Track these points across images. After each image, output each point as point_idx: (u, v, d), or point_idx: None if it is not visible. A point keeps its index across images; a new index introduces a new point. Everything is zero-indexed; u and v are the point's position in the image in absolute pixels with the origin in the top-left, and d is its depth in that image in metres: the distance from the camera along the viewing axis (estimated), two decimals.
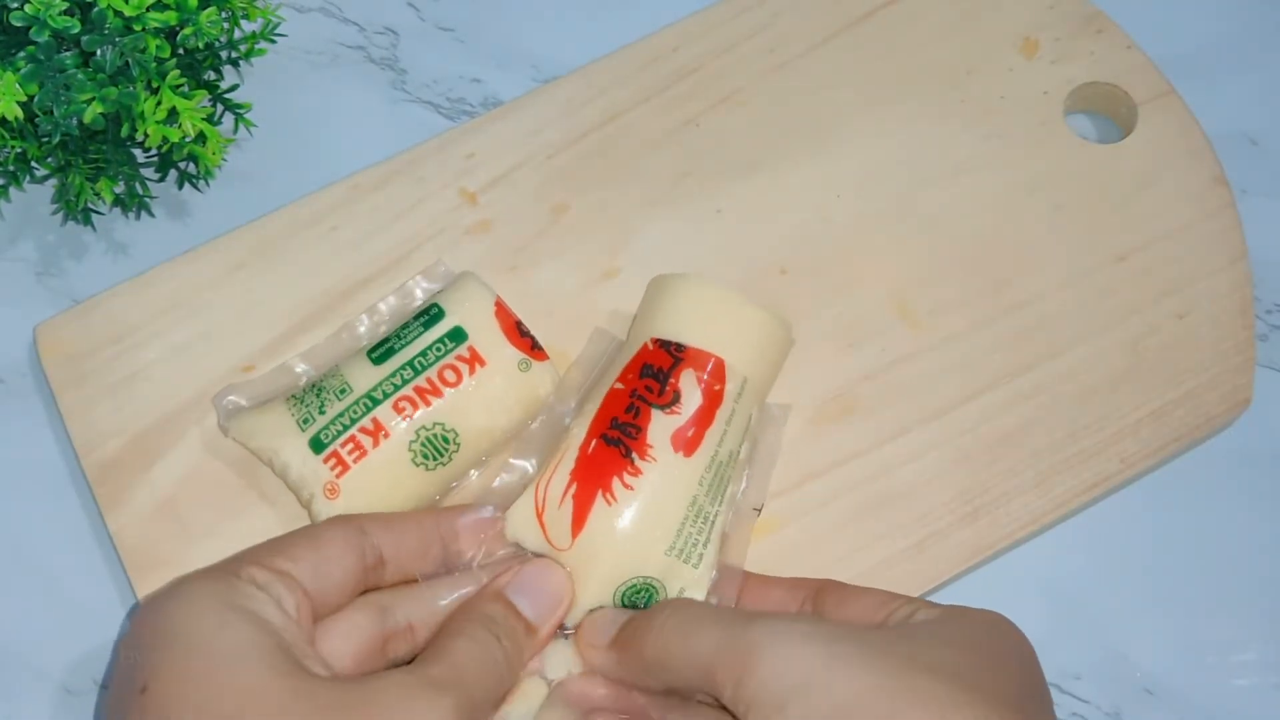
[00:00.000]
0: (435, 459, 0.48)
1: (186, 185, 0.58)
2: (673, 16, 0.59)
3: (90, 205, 0.57)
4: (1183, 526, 0.55)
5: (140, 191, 0.57)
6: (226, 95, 0.57)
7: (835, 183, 0.57)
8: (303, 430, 0.48)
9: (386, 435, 0.47)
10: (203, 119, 0.52)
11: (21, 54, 0.48)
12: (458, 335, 0.49)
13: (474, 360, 0.48)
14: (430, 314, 0.50)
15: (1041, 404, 0.53)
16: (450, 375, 0.48)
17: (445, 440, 0.48)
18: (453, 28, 0.64)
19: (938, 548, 0.51)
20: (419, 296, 0.53)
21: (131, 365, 0.53)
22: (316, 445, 0.48)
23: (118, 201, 0.57)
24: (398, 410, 0.48)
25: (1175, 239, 0.56)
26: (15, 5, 0.47)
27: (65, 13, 0.47)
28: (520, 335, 0.49)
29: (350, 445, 0.47)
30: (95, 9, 0.48)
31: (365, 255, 0.55)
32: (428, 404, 0.48)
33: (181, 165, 0.57)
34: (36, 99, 0.48)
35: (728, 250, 0.55)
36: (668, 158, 0.57)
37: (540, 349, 0.49)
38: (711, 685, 0.39)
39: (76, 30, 0.47)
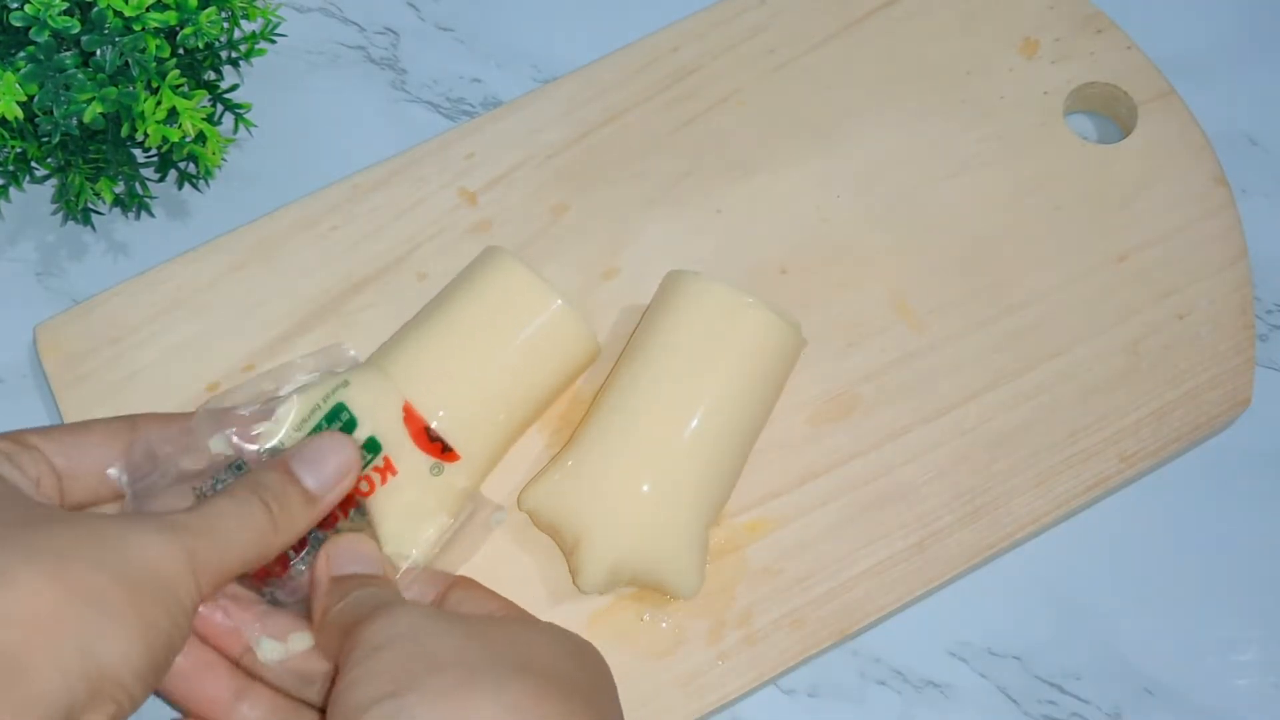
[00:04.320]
0: None
1: (186, 185, 0.58)
2: (673, 16, 0.59)
3: (90, 205, 0.57)
4: (1182, 526, 0.55)
5: (140, 191, 0.57)
6: (226, 95, 0.57)
7: (835, 183, 0.57)
8: None
9: (304, 545, 0.46)
10: (203, 119, 0.52)
11: (21, 54, 0.48)
12: (373, 446, 0.47)
13: (387, 469, 0.47)
14: (343, 421, 0.47)
15: (1041, 404, 0.53)
16: (364, 485, 0.47)
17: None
18: (453, 28, 0.64)
19: (938, 548, 0.51)
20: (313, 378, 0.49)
21: (131, 365, 0.53)
22: None
23: (118, 201, 0.57)
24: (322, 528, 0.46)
25: (1175, 239, 0.56)
26: (15, 5, 0.47)
27: (65, 13, 0.47)
28: (430, 440, 0.47)
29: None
30: (95, 9, 0.48)
31: (366, 255, 0.55)
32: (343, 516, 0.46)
33: (181, 165, 0.57)
34: (36, 99, 0.48)
35: (728, 250, 0.55)
36: (668, 158, 0.57)
37: (451, 450, 0.47)
38: (337, 653, 0.40)
39: (76, 30, 0.47)
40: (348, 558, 0.45)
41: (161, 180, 0.58)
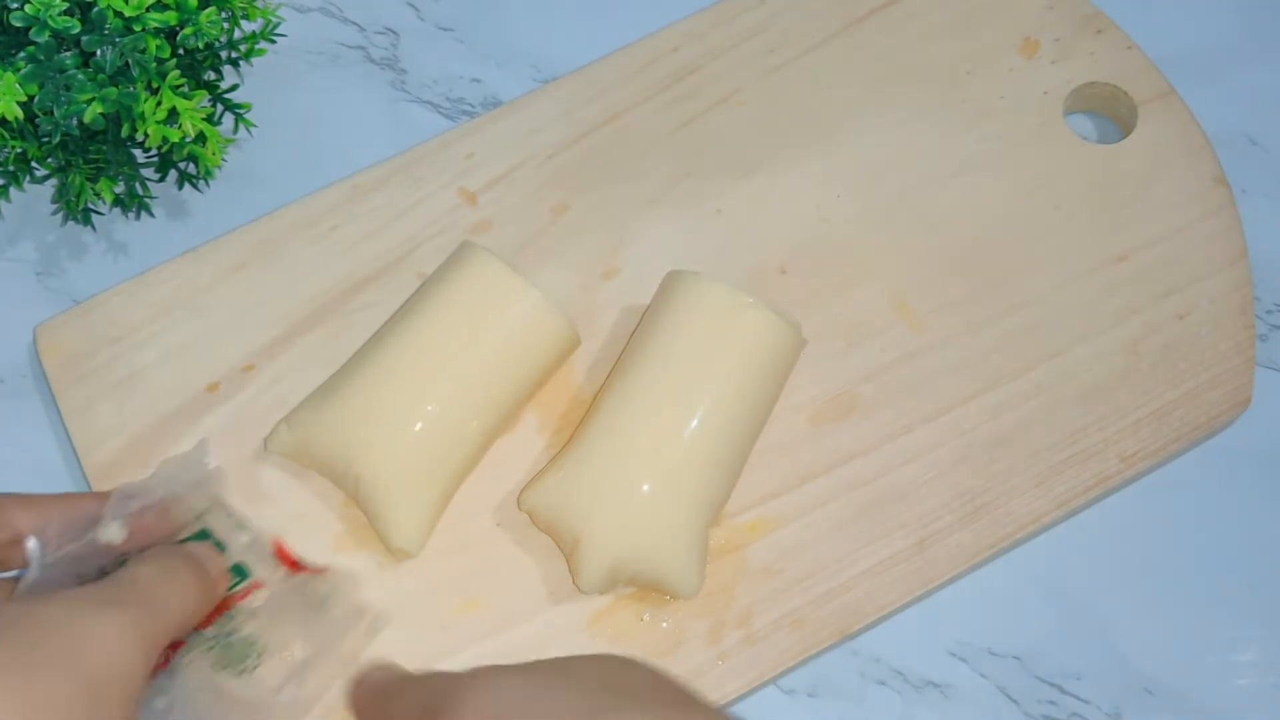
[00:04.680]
0: (239, 664, 0.45)
1: (186, 185, 0.58)
2: (673, 16, 0.59)
3: (90, 205, 0.57)
4: (1182, 526, 0.55)
5: (140, 191, 0.57)
6: (226, 95, 0.57)
7: (835, 183, 0.57)
8: None
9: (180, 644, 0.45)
10: (203, 119, 0.52)
11: (21, 54, 0.48)
12: (239, 571, 0.46)
13: (254, 586, 0.46)
14: (220, 547, 0.46)
15: (1041, 404, 0.53)
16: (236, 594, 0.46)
17: (248, 646, 0.46)
18: (453, 28, 0.64)
19: (938, 548, 0.51)
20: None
21: (131, 365, 0.53)
22: None
23: (118, 201, 0.57)
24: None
25: (1175, 239, 0.56)
26: (15, 5, 0.47)
27: (65, 13, 0.47)
28: (300, 567, 0.47)
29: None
30: (95, 9, 0.48)
31: (365, 255, 0.55)
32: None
33: (181, 165, 0.57)
34: (36, 99, 0.48)
35: (728, 250, 0.55)
36: (668, 158, 0.57)
37: (320, 569, 0.47)
38: None
39: (76, 30, 0.47)
40: None
41: (161, 180, 0.58)
